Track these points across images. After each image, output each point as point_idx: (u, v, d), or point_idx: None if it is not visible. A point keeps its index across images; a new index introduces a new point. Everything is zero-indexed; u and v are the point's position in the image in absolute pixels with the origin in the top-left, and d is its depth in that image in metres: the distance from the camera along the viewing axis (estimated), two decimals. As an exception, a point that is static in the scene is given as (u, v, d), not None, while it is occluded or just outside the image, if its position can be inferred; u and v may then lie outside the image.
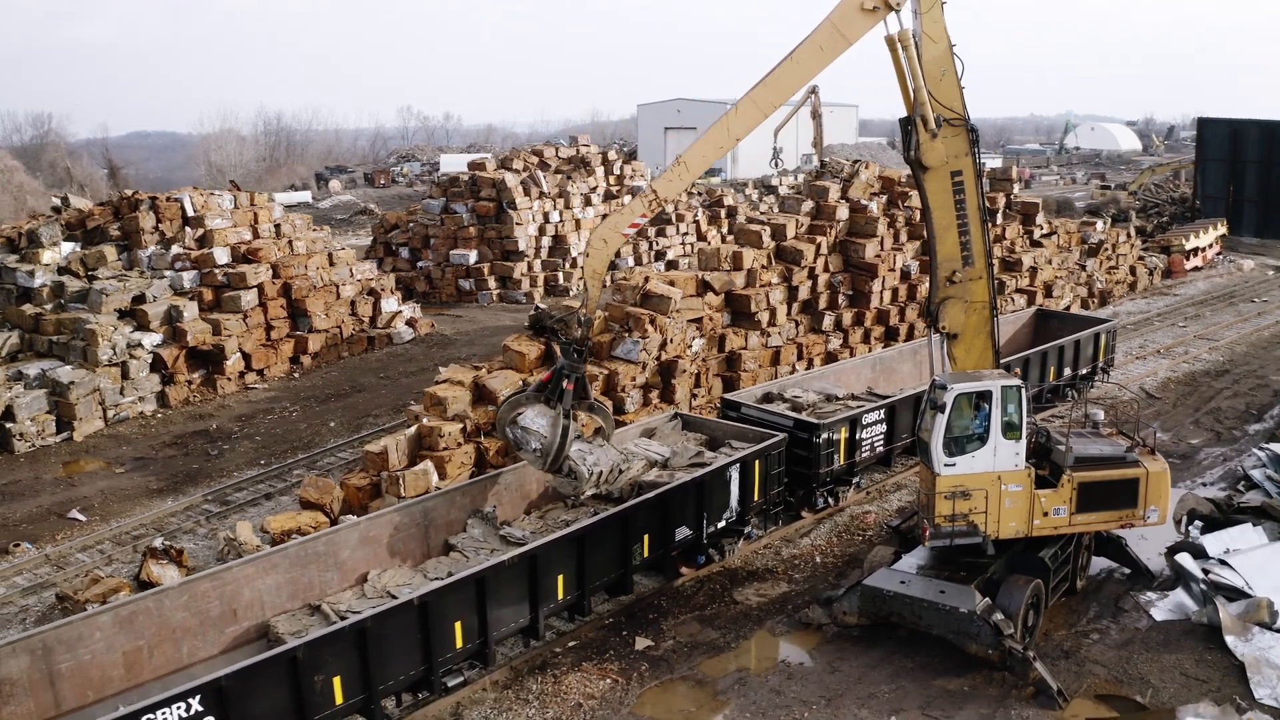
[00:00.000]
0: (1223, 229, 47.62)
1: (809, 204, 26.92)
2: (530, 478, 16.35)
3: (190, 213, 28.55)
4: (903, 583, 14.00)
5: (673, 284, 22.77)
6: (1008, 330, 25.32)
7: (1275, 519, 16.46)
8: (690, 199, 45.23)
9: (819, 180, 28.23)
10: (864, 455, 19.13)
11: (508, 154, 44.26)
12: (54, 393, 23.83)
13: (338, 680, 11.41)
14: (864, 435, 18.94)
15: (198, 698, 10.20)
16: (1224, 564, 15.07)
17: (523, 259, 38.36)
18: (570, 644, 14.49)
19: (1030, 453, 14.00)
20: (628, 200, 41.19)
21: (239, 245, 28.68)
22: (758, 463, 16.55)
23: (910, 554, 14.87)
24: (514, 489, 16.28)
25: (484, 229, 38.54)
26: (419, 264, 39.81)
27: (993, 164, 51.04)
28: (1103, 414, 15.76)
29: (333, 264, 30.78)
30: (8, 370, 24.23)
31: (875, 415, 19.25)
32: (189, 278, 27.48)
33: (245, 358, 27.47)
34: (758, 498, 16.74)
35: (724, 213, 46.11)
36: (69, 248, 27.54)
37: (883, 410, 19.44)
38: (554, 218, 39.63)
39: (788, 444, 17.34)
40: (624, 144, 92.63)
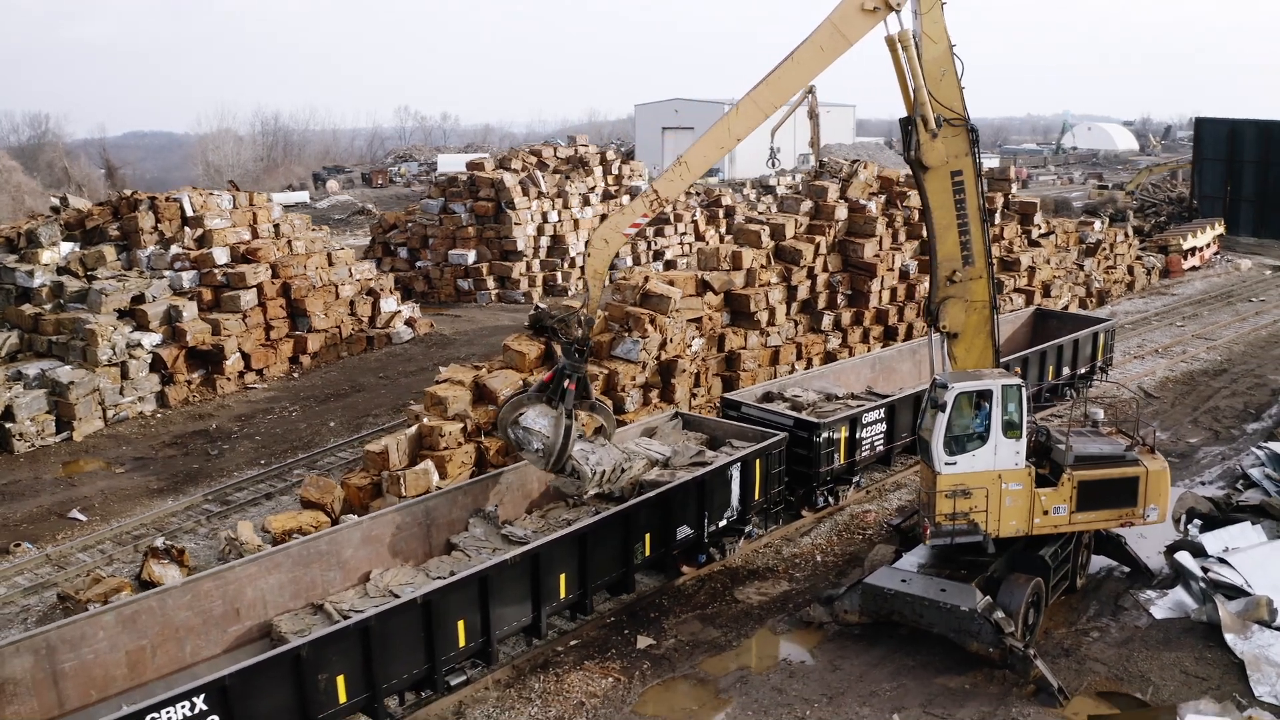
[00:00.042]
0: (1220, 229, 47.68)
1: (808, 204, 26.96)
2: (531, 477, 16.37)
3: (189, 213, 28.55)
4: (904, 581, 14.05)
5: (672, 284, 22.80)
6: (1006, 330, 25.35)
7: (1274, 517, 16.50)
8: (688, 199, 45.26)
9: (818, 180, 28.26)
10: (864, 454, 19.17)
11: (506, 154, 44.22)
12: (53, 393, 23.83)
13: (341, 679, 11.44)
14: (864, 434, 18.99)
15: (202, 696, 10.22)
16: (1223, 562, 15.11)
17: (521, 259, 38.37)
18: (572, 643, 14.52)
19: (1030, 451, 14.06)
20: (626, 200, 41.44)
21: (238, 245, 28.69)
22: (759, 462, 16.58)
23: (911, 552, 14.91)
24: (515, 488, 16.30)
25: (482, 229, 38.55)
26: (417, 264, 39.81)
27: (990, 164, 51.02)
28: (1102, 413, 15.80)
29: (332, 264, 30.78)
30: (7, 370, 24.23)
31: (875, 414, 19.30)
32: (188, 278, 27.49)
33: (245, 357, 27.48)
34: (758, 497, 16.76)
35: (722, 212, 46.15)
36: (68, 248, 27.52)
37: (882, 409, 19.49)
38: (552, 218, 39.63)
39: (788, 443, 17.38)
40: (621, 144, 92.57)
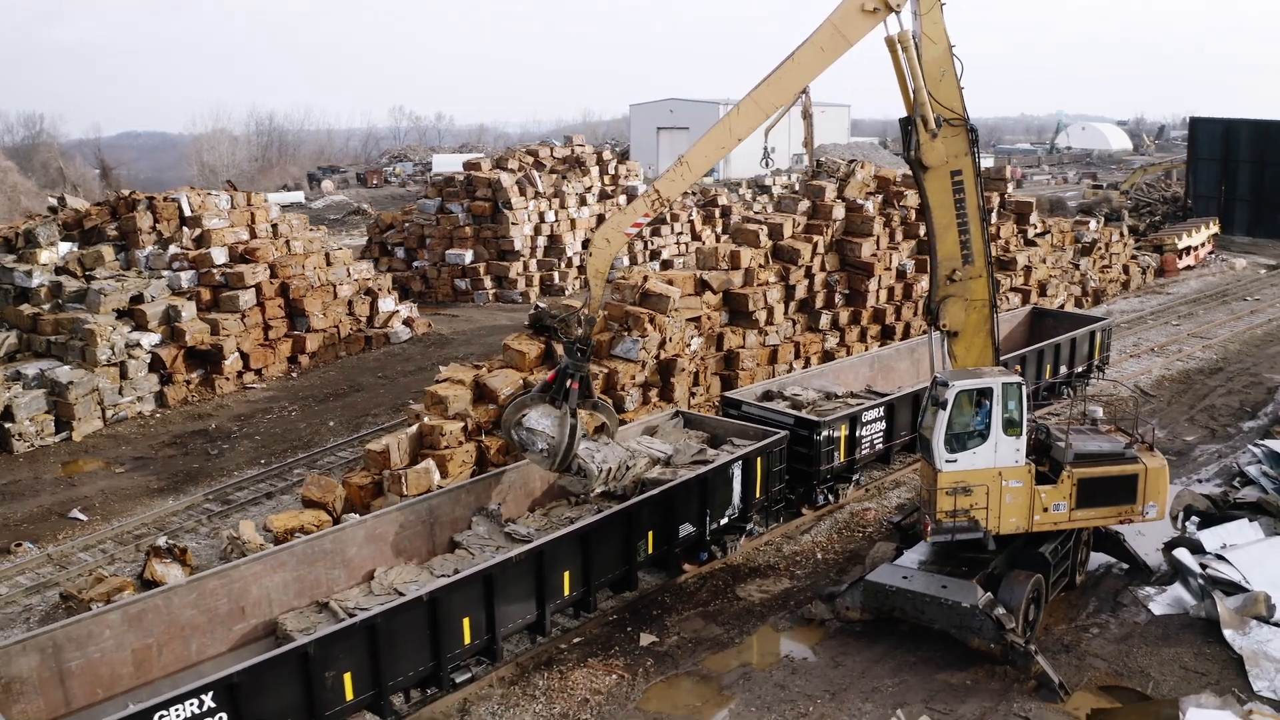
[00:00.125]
0: (1215, 228, 47.86)
1: (805, 203, 27.04)
2: (534, 476, 16.43)
3: (187, 213, 28.52)
4: (905, 578, 14.13)
5: (671, 283, 22.86)
6: (1004, 329, 25.43)
7: (1271, 514, 16.63)
8: (685, 199, 45.31)
9: (815, 180, 28.34)
10: (864, 452, 19.27)
11: (503, 154, 44.21)
12: (52, 393, 23.82)
13: (348, 676, 11.48)
14: (864, 433, 19.08)
15: (210, 694, 10.26)
16: (1221, 559, 15.21)
17: (518, 259, 38.39)
18: (576, 640, 14.59)
19: (1030, 449, 14.15)
20: (622, 200, 41.51)
21: (236, 245, 28.67)
22: (760, 460, 16.65)
23: (912, 550, 15.00)
24: (518, 486, 16.36)
25: (479, 229, 38.55)
26: (414, 264, 39.79)
27: (984, 164, 51.11)
28: (1101, 411, 15.91)
29: (330, 264, 30.78)
30: (6, 370, 24.20)
31: (874, 413, 19.40)
32: (187, 278, 27.48)
33: (243, 357, 27.48)
34: (759, 495, 16.84)
35: (718, 212, 46.23)
36: (66, 248, 27.48)
37: (882, 408, 19.58)
38: (549, 217, 39.64)
39: (788, 442, 17.45)
40: (616, 144, 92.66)
